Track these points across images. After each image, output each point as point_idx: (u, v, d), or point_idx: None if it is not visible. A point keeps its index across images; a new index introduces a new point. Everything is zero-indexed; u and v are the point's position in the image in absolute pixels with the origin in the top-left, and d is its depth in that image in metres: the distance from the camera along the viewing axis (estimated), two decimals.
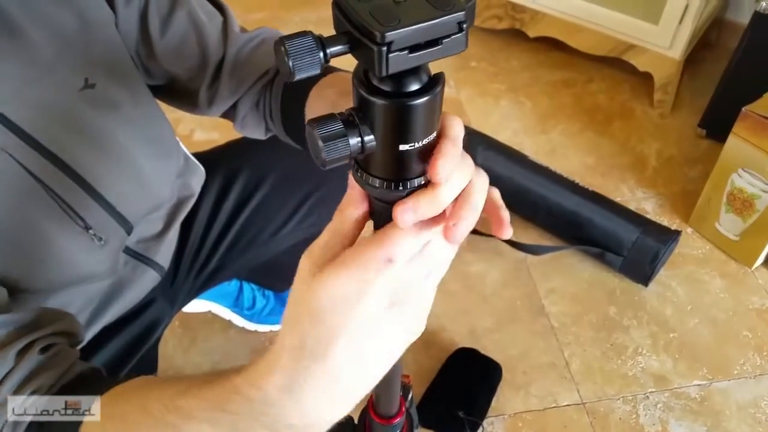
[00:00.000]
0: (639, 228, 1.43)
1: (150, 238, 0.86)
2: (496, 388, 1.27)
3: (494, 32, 2.11)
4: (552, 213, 1.51)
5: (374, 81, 0.33)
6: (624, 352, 1.35)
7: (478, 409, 1.23)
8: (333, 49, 0.31)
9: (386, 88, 0.33)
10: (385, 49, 0.29)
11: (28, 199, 0.62)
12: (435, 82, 0.34)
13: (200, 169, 0.96)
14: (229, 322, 1.39)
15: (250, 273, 1.26)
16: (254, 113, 0.77)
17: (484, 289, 1.46)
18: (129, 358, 0.89)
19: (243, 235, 0.99)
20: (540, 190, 1.51)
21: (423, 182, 0.37)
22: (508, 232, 0.42)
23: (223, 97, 0.75)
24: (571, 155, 1.78)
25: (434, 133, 0.36)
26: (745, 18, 1.68)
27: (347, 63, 0.33)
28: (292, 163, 0.97)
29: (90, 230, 0.69)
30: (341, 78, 0.63)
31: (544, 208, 1.52)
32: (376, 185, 0.37)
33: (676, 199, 1.65)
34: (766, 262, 1.48)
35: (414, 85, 0.33)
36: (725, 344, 1.36)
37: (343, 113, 0.35)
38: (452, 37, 0.31)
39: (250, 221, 0.99)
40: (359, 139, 0.34)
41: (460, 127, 0.37)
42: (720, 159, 1.41)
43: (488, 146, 1.58)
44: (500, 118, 1.90)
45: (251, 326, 1.39)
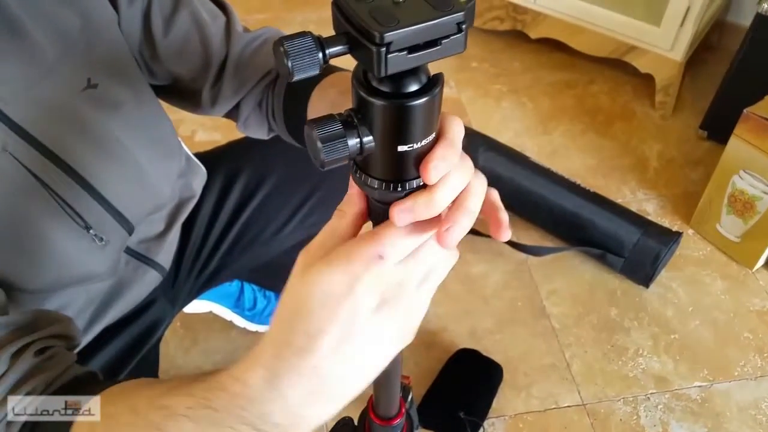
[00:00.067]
0: (640, 229, 1.43)
1: (151, 238, 0.86)
2: (497, 389, 1.27)
3: (496, 33, 2.11)
4: (553, 214, 1.51)
5: (373, 82, 0.33)
6: (625, 353, 1.35)
7: (479, 410, 1.23)
8: (332, 50, 0.31)
9: (385, 88, 0.33)
10: (384, 49, 0.29)
11: (29, 199, 0.62)
12: (434, 83, 0.33)
13: (202, 170, 0.96)
14: (230, 323, 1.39)
15: (251, 273, 1.26)
16: (257, 113, 0.77)
17: (485, 290, 1.46)
18: (130, 359, 0.89)
19: (244, 235, 0.99)
20: (541, 191, 1.51)
21: (422, 183, 0.37)
22: (506, 235, 0.41)
23: (226, 97, 0.74)
24: (573, 156, 1.78)
25: (433, 134, 0.35)
26: (747, 20, 1.68)
27: (347, 63, 0.33)
28: (293, 163, 0.97)
29: (91, 230, 0.68)
30: (343, 77, 0.63)
31: (545, 209, 1.52)
32: (375, 186, 0.37)
33: (678, 200, 1.65)
34: (767, 264, 1.48)
35: (413, 86, 0.33)
36: (726, 346, 1.36)
37: (342, 114, 0.35)
38: (451, 37, 0.31)
39: (252, 221, 0.99)
40: (358, 140, 0.34)
41: (459, 129, 0.37)
42: (721, 161, 1.41)
43: (490, 147, 1.58)
44: (502, 119, 1.90)
45: (252, 327, 1.39)
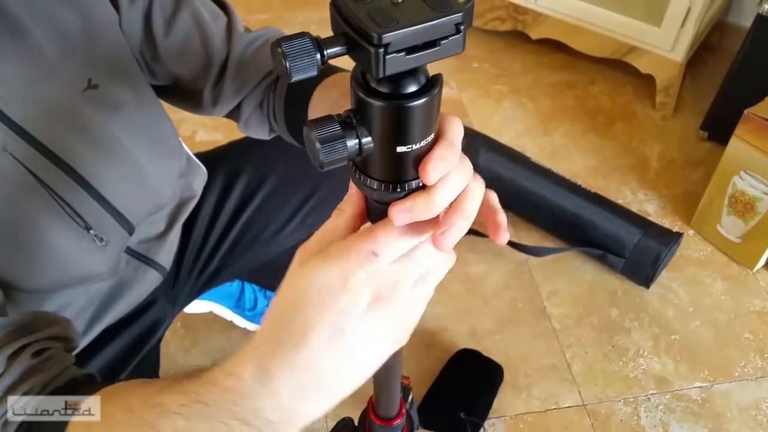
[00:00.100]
0: (641, 230, 1.43)
1: (152, 238, 0.86)
2: (498, 390, 1.27)
3: (497, 34, 2.11)
4: (554, 214, 1.51)
5: (372, 82, 0.33)
6: (625, 353, 1.35)
7: (480, 411, 1.23)
8: (330, 51, 0.31)
9: (384, 89, 0.33)
10: (382, 50, 0.29)
11: (29, 199, 0.62)
12: (433, 84, 0.33)
13: (202, 170, 0.96)
14: (231, 323, 1.39)
15: (252, 273, 1.26)
16: (258, 114, 0.77)
17: (485, 291, 1.46)
18: (131, 359, 0.89)
19: (245, 235, 0.99)
20: (542, 191, 1.51)
21: (421, 184, 0.37)
22: (504, 238, 0.41)
23: (227, 98, 0.74)
24: (573, 157, 1.77)
25: (432, 135, 0.35)
26: (748, 21, 1.68)
27: (347, 64, 0.33)
28: (294, 164, 0.97)
29: (91, 231, 0.69)
30: (344, 78, 0.63)
31: (546, 210, 1.52)
32: (374, 187, 0.37)
33: (678, 201, 1.65)
34: (767, 265, 1.48)
35: (411, 87, 0.33)
36: (726, 346, 1.36)
37: (341, 115, 0.35)
38: (450, 38, 0.31)
39: (252, 221, 0.99)
40: (357, 141, 0.34)
41: (458, 129, 0.37)
42: (722, 161, 1.41)
43: (490, 148, 1.58)
44: (502, 120, 1.90)
45: (253, 327, 1.38)
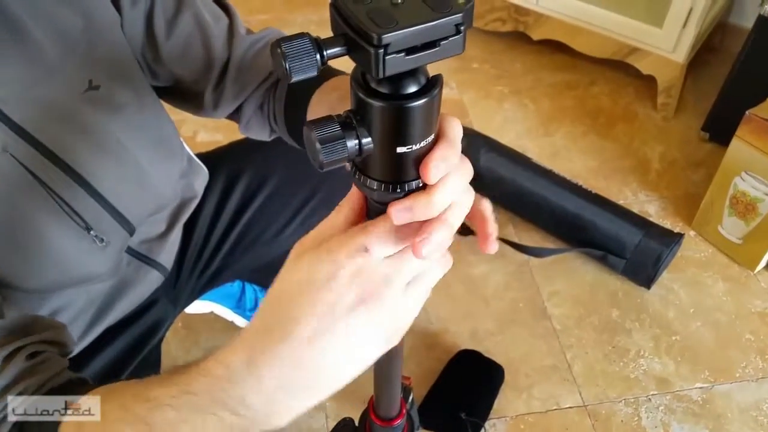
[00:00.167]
0: (642, 231, 1.43)
1: (153, 238, 0.86)
2: (498, 390, 1.27)
3: (498, 35, 2.10)
4: (555, 215, 1.51)
5: (372, 83, 0.33)
6: (626, 354, 1.35)
7: (480, 411, 1.23)
8: (330, 51, 0.31)
9: (384, 90, 0.33)
10: (381, 51, 0.29)
11: (29, 200, 0.62)
12: (433, 84, 0.33)
13: (203, 170, 0.96)
14: (232, 323, 1.39)
15: (253, 274, 1.26)
16: (259, 116, 0.77)
17: (486, 291, 1.46)
18: (131, 359, 0.89)
19: (246, 236, 0.99)
20: (543, 192, 1.51)
21: (421, 184, 0.37)
22: (492, 248, 0.42)
23: (227, 100, 0.74)
24: (574, 158, 1.77)
25: (432, 136, 0.35)
26: (749, 22, 1.68)
27: (346, 64, 0.33)
28: (295, 164, 0.97)
29: (91, 231, 0.68)
30: (344, 81, 0.63)
31: (546, 211, 1.52)
32: (374, 187, 0.37)
33: (679, 202, 1.64)
34: None
35: (411, 87, 0.33)
36: (727, 347, 1.35)
37: (341, 115, 0.35)
38: (450, 39, 0.31)
39: (253, 222, 0.99)
40: (357, 142, 0.34)
41: (459, 130, 0.37)
42: (723, 162, 1.41)
43: (491, 148, 1.58)
44: (503, 121, 1.90)
45: None
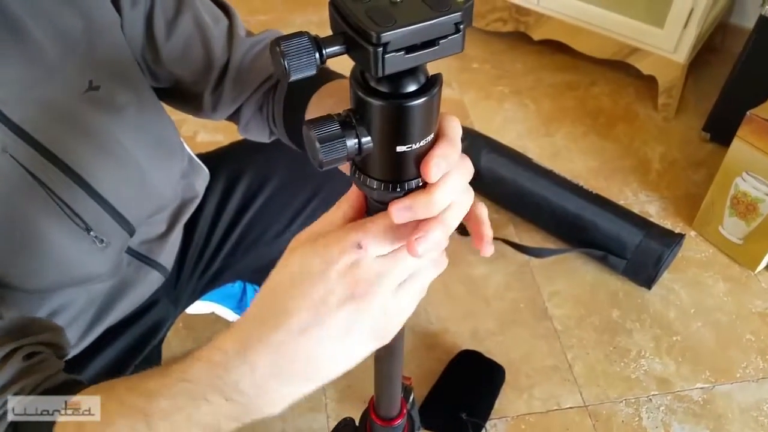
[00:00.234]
0: (642, 231, 1.43)
1: (153, 239, 0.86)
2: (499, 391, 1.27)
3: (498, 35, 2.10)
4: (555, 215, 1.51)
5: (371, 82, 0.33)
6: (627, 354, 1.34)
7: (481, 411, 1.23)
8: (329, 50, 0.31)
9: (383, 89, 0.33)
10: (381, 49, 0.29)
11: (28, 201, 0.62)
12: (432, 83, 0.33)
13: (204, 171, 0.96)
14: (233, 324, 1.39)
15: (254, 274, 1.26)
16: (258, 117, 0.77)
17: (487, 292, 1.46)
18: (132, 359, 0.89)
19: (247, 236, 0.99)
20: (543, 192, 1.51)
21: (420, 183, 0.37)
22: (488, 251, 0.42)
23: (226, 102, 0.74)
24: (575, 158, 1.77)
25: (432, 135, 0.35)
26: (750, 22, 1.68)
27: (345, 63, 0.33)
28: (296, 164, 0.97)
29: (91, 232, 0.68)
30: (342, 87, 0.63)
31: (547, 211, 1.52)
32: (374, 186, 0.37)
33: (680, 202, 1.64)
34: None
35: (411, 86, 0.33)
36: (728, 347, 1.35)
37: (341, 114, 0.35)
38: (449, 37, 0.31)
39: (254, 222, 0.99)
40: (356, 141, 0.34)
41: (458, 128, 0.37)
42: (724, 162, 1.41)
43: (492, 149, 1.58)
44: (504, 121, 1.90)
45: None
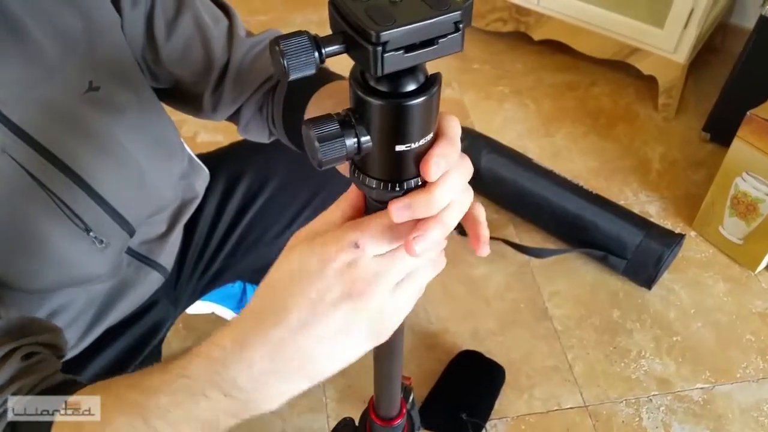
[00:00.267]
0: (642, 231, 1.42)
1: (153, 239, 0.86)
2: (499, 391, 1.27)
3: (499, 35, 2.10)
4: (555, 216, 1.51)
5: (370, 81, 0.33)
6: (627, 355, 1.34)
7: (481, 412, 1.23)
8: (329, 49, 0.31)
9: (382, 88, 0.33)
10: (380, 48, 0.29)
11: (28, 201, 0.62)
12: (432, 83, 0.33)
13: (204, 171, 0.96)
14: None
15: (254, 275, 1.26)
16: (258, 118, 0.77)
17: (487, 292, 1.46)
18: (132, 360, 0.89)
19: (247, 237, 0.99)
20: (544, 192, 1.51)
21: (420, 183, 0.37)
22: (484, 251, 0.42)
23: (226, 102, 0.74)
24: (575, 158, 1.77)
25: (431, 134, 0.35)
26: (750, 22, 1.68)
27: (345, 64, 0.33)
28: (296, 165, 0.97)
29: (90, 233, 0.68)
30: (341, 88, 0.63)
31: (547, 211, 1.52)
32: (373, 186, 0.37)
33: (680, 202, 1.64)
34: None
35: (410, 86, 0.33)
36: (728, 347, 1.35)
37: (340, 113, 0.35)
38: (448, 36, 0.31)
39: (255, 222, 0.99)
40: (355, 140, 0.34)
41: (457, 127, 0.37)
42: (724, 163, 1.41)
43: (492, 149, 1.58)
44: (504, 121, 1.90)
45: None
